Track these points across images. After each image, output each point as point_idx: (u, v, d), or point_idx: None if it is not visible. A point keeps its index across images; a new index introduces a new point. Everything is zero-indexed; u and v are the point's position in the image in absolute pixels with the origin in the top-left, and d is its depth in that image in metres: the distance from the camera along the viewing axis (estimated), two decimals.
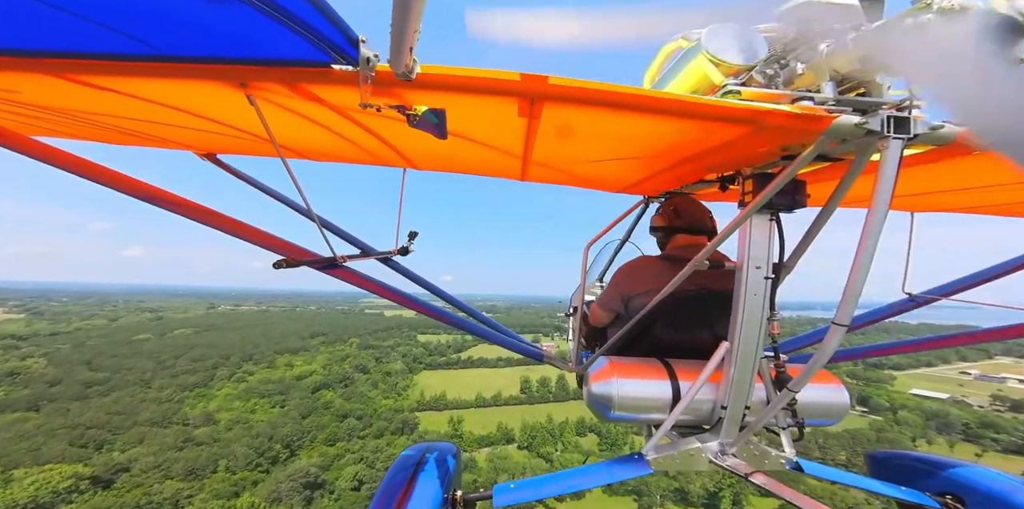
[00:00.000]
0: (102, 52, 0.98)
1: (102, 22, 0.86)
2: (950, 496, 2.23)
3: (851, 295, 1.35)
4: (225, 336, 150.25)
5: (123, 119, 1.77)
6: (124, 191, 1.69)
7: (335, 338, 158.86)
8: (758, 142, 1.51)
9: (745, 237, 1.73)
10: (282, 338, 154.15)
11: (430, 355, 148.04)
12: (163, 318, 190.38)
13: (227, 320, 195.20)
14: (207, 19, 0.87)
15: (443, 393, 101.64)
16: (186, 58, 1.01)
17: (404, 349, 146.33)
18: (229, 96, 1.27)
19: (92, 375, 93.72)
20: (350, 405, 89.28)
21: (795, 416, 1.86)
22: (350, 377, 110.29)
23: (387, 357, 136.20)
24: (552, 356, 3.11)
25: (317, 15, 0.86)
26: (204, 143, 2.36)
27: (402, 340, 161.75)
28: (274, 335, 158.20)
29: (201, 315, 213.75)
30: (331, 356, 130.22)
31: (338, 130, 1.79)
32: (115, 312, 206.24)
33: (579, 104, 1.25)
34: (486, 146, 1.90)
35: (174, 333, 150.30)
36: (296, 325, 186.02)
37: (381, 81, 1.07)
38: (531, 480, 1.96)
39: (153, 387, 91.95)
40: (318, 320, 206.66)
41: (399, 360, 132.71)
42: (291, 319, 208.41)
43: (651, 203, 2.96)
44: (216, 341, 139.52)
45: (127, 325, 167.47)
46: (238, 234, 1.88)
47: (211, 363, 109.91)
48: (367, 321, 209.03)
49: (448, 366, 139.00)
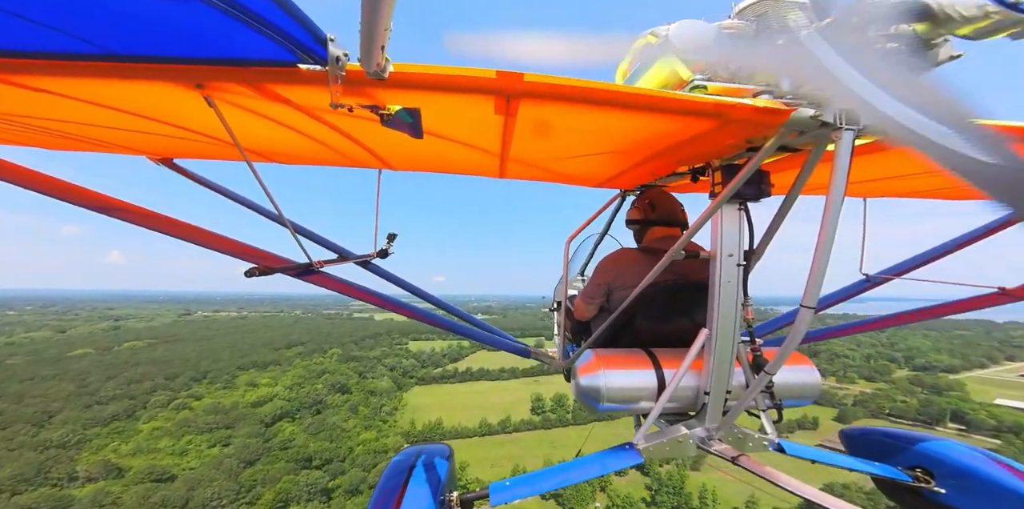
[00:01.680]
0: (37, 51, 0.91)
1: (35, 19, 0.79)
2: (920, 469, 2.34)
3: (816, 278, 1.42)
4: (184, 349, 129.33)
5: (65, 123, 1.63)
6: (73, 201, 1.60)
7: (314, 348, 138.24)
8: (725, 135, 1.56)
9: (717, 226, 1.81)
10: (252, 350, 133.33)
11: (423, 367, 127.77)
12: (120, 328, 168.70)
13: (195, 329, 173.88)
14: (157, 16, 0.81)
15: (439, 420, 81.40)
16: (135, 57, 0.95)
17: (392, 361, 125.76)
18: (185, 97, 1.21)
19: None
20: (316, 443, 68.69)
21: (773, 398, 1.94)
22: (322, 401, 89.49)
23: (372, 371, 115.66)
24: (539, 351, 3.17)
25: (280, 13, 0.82)
26: (158, 147, 2.22)
27: (391, 349, 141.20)
28: (243, 346, 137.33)
29: (167, 324, 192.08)
30: (306, 372, 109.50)
31: (308, 132, 1.73)
32: (72, 322, 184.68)
33: (555, 101, 1.26)
34: (463, 144, 1.88)
35: (123, 346, 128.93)
36: (273, 334, 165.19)
37: (352, 81, 1.04)
38: (526, 476, 1.95)
39: (54, 422, 70.58)
40: (299, 327, 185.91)
41: (385, 376, 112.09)
42: (269, 326, 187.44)
43: (628, 196, 2.99)
44: (170, 355, 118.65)
45: (73, 337, 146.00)
46: (203, 243, 1.84)
47: (148, 386, 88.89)
48: (354, 327, 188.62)
49: (444, 380, 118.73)
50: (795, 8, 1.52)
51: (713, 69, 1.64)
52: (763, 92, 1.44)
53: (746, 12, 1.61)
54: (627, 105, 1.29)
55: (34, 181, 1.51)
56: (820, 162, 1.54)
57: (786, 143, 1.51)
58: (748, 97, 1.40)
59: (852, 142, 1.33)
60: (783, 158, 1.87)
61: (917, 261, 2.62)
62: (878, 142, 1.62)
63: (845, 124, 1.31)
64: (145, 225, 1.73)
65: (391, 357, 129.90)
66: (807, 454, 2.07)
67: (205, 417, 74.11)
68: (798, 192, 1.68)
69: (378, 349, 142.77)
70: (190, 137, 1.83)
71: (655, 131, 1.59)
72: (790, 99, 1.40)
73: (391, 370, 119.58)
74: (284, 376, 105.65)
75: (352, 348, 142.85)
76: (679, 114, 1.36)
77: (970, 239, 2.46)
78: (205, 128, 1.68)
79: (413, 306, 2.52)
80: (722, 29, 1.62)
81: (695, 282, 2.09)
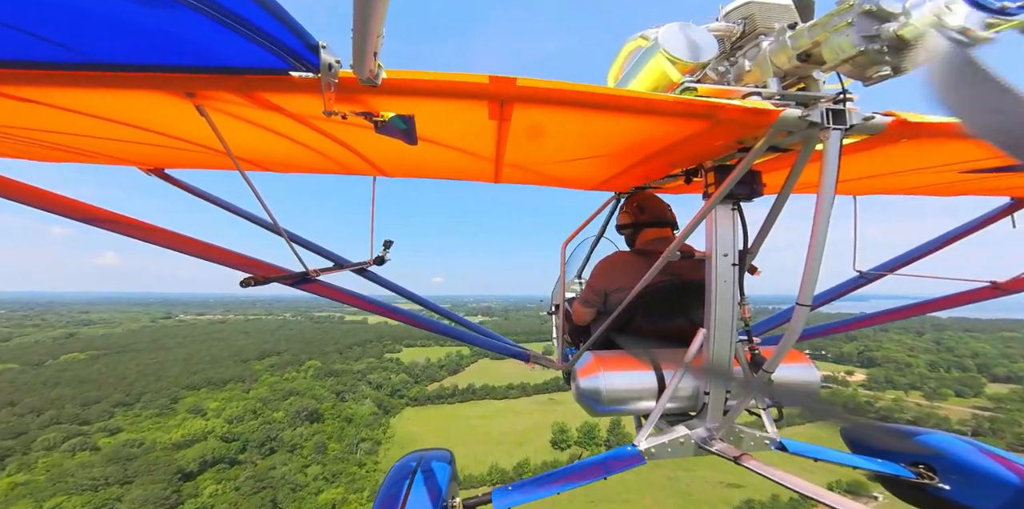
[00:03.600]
0: (18, 59, 0.88)
1: (13, 25, 0.77)
2: (922, 465, 2.33)
3: (810, 276, 1.43)
4: (132, 362, 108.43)
5: (52, 134, 1.61)
6: (66, 214, 1.58)
7: (291, 360, 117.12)
8: (716, 135, 1.57)
9: (711, 227, 1.82)
10: (214, 362, 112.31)
11: (415, 382, 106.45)
12: (75, 336, 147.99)
13: (160, 336, 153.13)
14: (143, 24, 0.79)
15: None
16: (120, 66, 0.93)
17: (379, 377, 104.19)
18: (175, 106, 1.20)
19: None
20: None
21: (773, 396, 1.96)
22: (277, 437, 67.95)
23: (353, 390, 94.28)
24: (538, 355, 3.16)
25: (271, 20, 0.81)
26: (149, 158, 2.22)
27: (379, 362, 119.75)
28: (204, 358, 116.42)
29: (133, 330, 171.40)
30: (270, 392, 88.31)
31: (301, 139, 1.72)
32: (26, 329, 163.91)
33: (548, 105, 1.26)
34: (458, 150, 1.88)
35: (60, 360, 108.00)
36: (248, 341, 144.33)
37: (345, 88, 1.03)
38: (529, 480, 1.94)
39: None
40: (281, 333, 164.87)
41: (368, 398, 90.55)
42: (247, 332, 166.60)
43: (622, 199, 2.96)
44: (108, 371, 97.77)
45: (9, 348, 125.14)
46: (198, 253, 1.83)
47: (45, 417, 67.64)
48: (343, 332, 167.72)
49: (441, 400, 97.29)
50: (780, 10, 1.57)
51: (702, 71, 1.69)
52: (752, 93, 1.44)
53: (732, 14, 1.65)
54: (619, 108, 1.29)
55: (28, 195, 1.47)
56: (810, 161, 1.54)
57: (776, 143, 1.52)
58: (737, 98, 1.39)
59: (840, 141, 1.35)
60: (774, 158, 1.87)
61: (909, 257, 2.68)
62: (866, 141, 1.60)
63: (832, 124, 1.33)
64: (138, 237, 1.69)
65: (378, 371, 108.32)
66: (809, 452, 2.05)
67: (102, 466, 52.90)
68: (789, 191, 1.69)
69: (365, 360, 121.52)
70: (182, 147, 1.82)
71: (647, 133, 1.60)
72: (778, 100, 1.42)
73: (377, 388, 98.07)
74: (242, 399, 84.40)
75: (334, 359, 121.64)
76: (670, 116, 1.37)
77: (960, 233, 2.52)
78: (197, 137, 1.67)
79: (411, 312, 2.50)
80: (709, 31, 1.65)
81: (691, 282, 2.12)
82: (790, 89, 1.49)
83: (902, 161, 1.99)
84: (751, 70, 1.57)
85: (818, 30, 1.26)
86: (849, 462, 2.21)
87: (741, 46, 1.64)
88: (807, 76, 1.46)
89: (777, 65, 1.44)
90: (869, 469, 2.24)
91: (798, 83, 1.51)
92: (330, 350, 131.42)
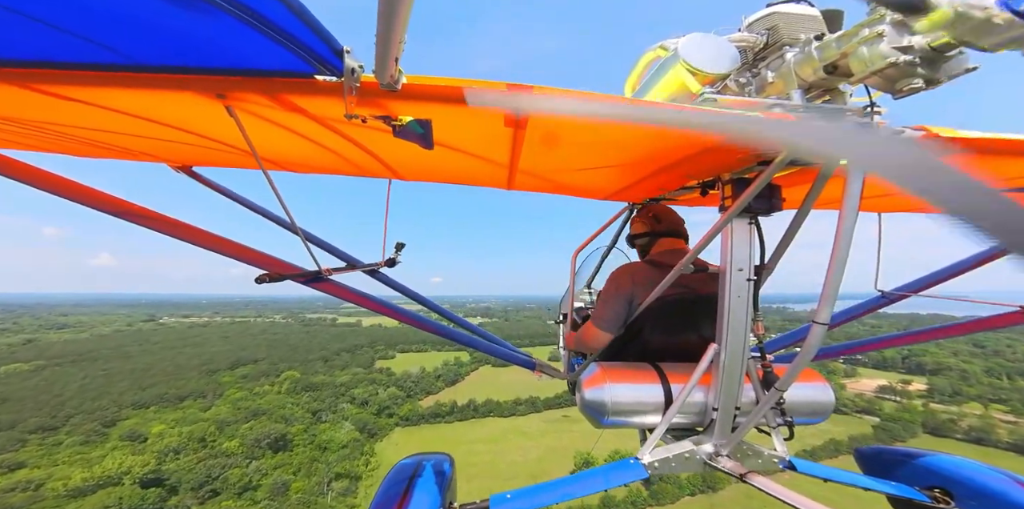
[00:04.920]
0: (67, 61, 0.93)
1: (66, 28, 0.80)
2: (938, 490, 2.26)
3: (829, 294, 1.40)
4: (79, 374, 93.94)
5: (92, 130, 1.68)
6: (93, 206, 1.64)
7: (267, 369, 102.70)
8: (735, 148, 1.55)
9: (727, 241, 1.79)
10: (176, 374, 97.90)
11: (408, 396, 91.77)
12: (33, 343, 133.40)
13: (129, 342, 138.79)
14: (182, 27, 0.82)
15: None
16: (160, 67, 0.97)
17: (366, 390, 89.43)
18: (207, 107, 1.25)
19: None
20: None
21: (784, 415, 1.92)
22: (220, 476, 53.18)
23: (331, 409, 79.60)
24: (544, 364, 3.14)
25: (300, 25, 0.83)
26: (179, 155, 2.29)
27: (366, 373, 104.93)
28: (168, 368, 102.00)
29: (102, 335, 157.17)
30: (230, 412, 73.75)
31: (321, 141, 1.76)
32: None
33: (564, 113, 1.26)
34: (472, 156, 1.90)
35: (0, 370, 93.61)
36: (225, 347, 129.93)
37: (366, 92, 1.05)
38: (528, 489, 1.92)
39: None
40: (265, 337, 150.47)
41: (350, 419, 75.72)
42: (227, 337, 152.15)
43: (635, 210, 2.96)
44: (44, 386, 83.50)
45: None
46: (217, 249, 1.86)
47: None
48: (332, 337, 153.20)
49: (437, 418, 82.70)
50: (807, 21, 1.54)
51: (723, 82, 1.67)
52: (775, 105, 1.41)
53: (756, 25, 1.62)
54: (635, 118, 1.26)
55: (56, 185, 1.54)
56: (833, 176, 1.52)
57: (798, 157, 1.49)
58: (759, 110, 1.38)
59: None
60: (795, 172, 1.85)
61: (934, 278, 2.60)
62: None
63: None
64: (161, 230, 1.75)
65: (364, 385, 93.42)
66: (819, 473, 2.00)
67: None
68: (810, 206, 1.65)
69: (351, 370, 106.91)
70: (210, 145, 1.87)
71: (665, 144, 1.59)
72: (802, 112, 1.39)
73: (362, 405, 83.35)
74: (195, 420, 69.74)
75: (317, 368, 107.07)
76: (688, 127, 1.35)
77: (989, 256, 2.42)
78: (224, 137, 1.71)
79: (417, 314, 2.53)
80: (732, 42, 1.63)
81: (703, 295, 2.08)
82: (815, 102, 1.47)
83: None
84: (774, 82, 1.53)
85: (846, 41, 1.22)
86: (861, 483, 2.13)
87: (764, 57, 1.59)
88: (833, 88, 1.43)
89: (802, 77, 1.41)
90: (881, 491, 2.16)
91: (824, 95, 1.48)
92: (314, 358, 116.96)
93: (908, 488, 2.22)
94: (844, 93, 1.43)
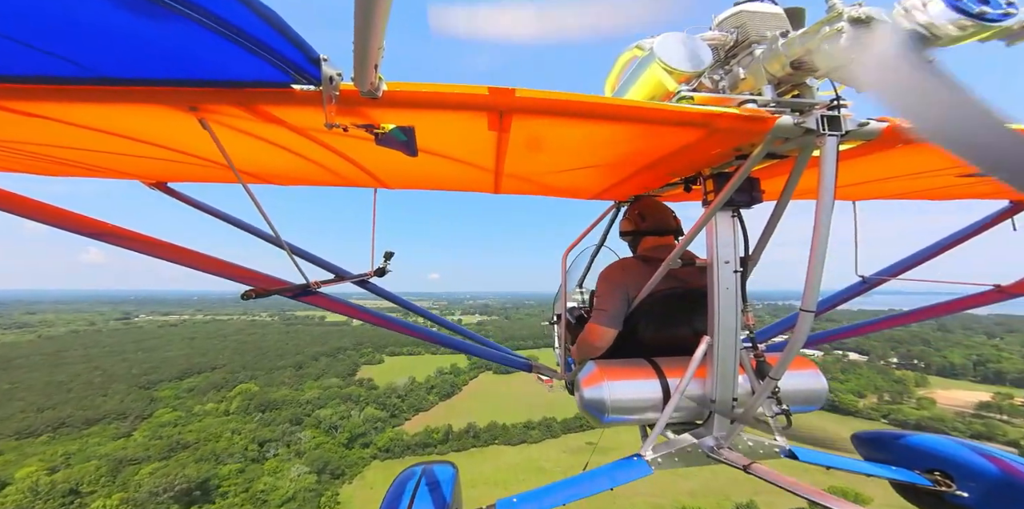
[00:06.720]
0: (26, 74, 0.89)
1: (22, 40, 0.76)
2: (938, 472, 2.30)
3: (813, 282, 1.43)
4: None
5: (57, 148, 1.62)
6: (70, 228, 1.60)
7: (221, 380, 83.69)
8: (713, 144, 1.59)
9: (712, 234, 1.83)
10: (103, 386, 78.79)
11: (392, 416, 72.76)
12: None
13: (72, 346, 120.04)
14: (147, 38, 0.79)
15: None
16: (125, 80, 0.93)
17: (337, 411, 70.01)
18: (179, 120, 1.21)
19: None
20: None
21: (780, 404, 1.91)
22: None
23: (284, 440, 60.34)
24: (539, 365, 3.19)
25: (273, 33, 0.81)
26: (152, 171, 2.24)
27: (342, 386, 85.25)
28: (97, 379, 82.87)
29: (48, 337, 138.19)
30: (142, 447, 54.87)
31: (302, 152, 1.74)
32: None
33: (547, 115, 1.27)
34: (458, 161, 1.90)
35: None
36: (184, 351, 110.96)
37: (346, 100, 1.04)
38: (534, 491, 1.93)
39: None
40: (235, 339, 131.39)
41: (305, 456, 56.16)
42: (193, 339, 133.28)
43: (622, 208, 2.99)
44: None
45: None
46: (200, 267, 1.86)
47: None
48: (315, 338, 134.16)
49: (427, 448, 63.50)
50: (772, 19, 1.60)
51: (697, 80, 1.71)
52: (747, 101, 1.45)
53: (725, 23, 1.68)
54: (617, 117, 1.30)
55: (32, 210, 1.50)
56: (808, 167, 1.56)
57: (773, 150, 1.56)
58: (733, 106, 1.41)
59: (836, 147, 1.36)
60: (772, 165, 1.90)
61: (911, 261, 2.68)
62: (862, 146, 1.64)
63: (828, 130, 1.35)
64: (142, 251, 1.73)
65: (335, 404, 74.14)
66: (820, 460, 2.05)
67: None
68: (789, 197, 1.72)
69: (325, 381, 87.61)
70: (184, 160, 1.84)
71: (646, 142, 1.63)
72: (773, 107, 1.44)
73: (328, 432, 64.15)
74: (85, 456, 50.68)
75: (282, 378, 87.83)
76: (668, 125, 1.39)
77: (961, 237, 2.52)
78: (199, 151, 1.68)
79: (411, 324, 2.54)
80: (704, 41, 1.67)
81: (694, 289, 2.11)
82: (785, 96, 1.51)
83: (900, 166, 1.98)
84: (746, 78, 1.56)
85: (809, 38, 1.25)
86: (862, 470, 2.18)
87: (735, 54, 1.64)
88: (801, 83, 1.47)
89: (771, 73, 1.45)
90: (882, 476, 2.20)
91: (792, 90, 1.52)
92: (285, 364, 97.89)
93: (909, 472, 2.27)
94: (812, 88, 1.47)
